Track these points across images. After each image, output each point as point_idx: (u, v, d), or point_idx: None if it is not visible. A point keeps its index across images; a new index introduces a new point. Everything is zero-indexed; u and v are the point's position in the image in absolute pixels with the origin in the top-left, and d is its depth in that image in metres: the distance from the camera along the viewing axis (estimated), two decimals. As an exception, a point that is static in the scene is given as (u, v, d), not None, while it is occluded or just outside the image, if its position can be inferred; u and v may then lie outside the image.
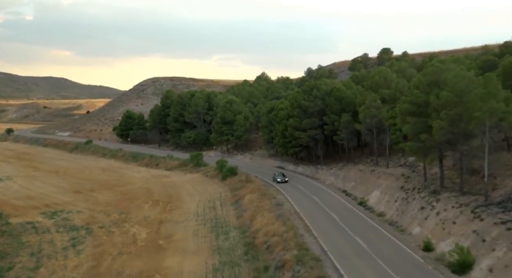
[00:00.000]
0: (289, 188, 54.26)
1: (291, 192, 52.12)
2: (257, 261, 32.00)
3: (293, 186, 55.92)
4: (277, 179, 58.84)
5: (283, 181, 58.17)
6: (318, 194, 50.20)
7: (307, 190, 52.91)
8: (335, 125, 58.14)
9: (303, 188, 54.19)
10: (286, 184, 57.33)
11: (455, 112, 31.61)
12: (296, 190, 53.22)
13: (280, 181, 58.18)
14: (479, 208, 29.89)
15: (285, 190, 53.30)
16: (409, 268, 26.79)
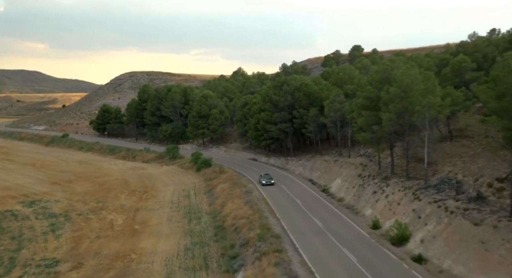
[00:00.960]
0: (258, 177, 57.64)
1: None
2: (225, 241, 35.24)
3: (263, 175, 59.32)
4: (262, 181, 52.94)
5: (268, 183, 52.27)
6: (286, 183, 53.82)
7: (276, 179, 56.39)
8: (304, 119, 61.85)
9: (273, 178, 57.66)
10: (256, 173, 60.55)
11: (401, 106, 35.54)
12: (266, 179, 56.62)
13: (265, 183, 52.17)
14: (419, 190, 34.00)
15: (255, 178, 56.71)
16: (355, 242, 30.57)
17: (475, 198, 28.76)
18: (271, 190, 49.83)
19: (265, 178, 53.48)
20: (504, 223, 24.53)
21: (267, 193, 48.10)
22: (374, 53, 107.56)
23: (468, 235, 25.56)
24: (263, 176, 54.26)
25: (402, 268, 25.71)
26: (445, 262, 25.56)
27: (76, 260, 32.77)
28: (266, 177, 54.04)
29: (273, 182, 52.51)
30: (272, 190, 49.90)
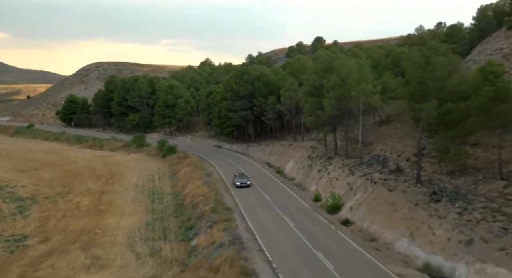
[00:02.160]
0: (221, 162, 61.42)
1: (222, 165, 59.27)
2: (183, 216, 38.93)
3: (225, 160, 63.13)
4: (236, 182, 44.18)
5: (243, 185, 43.65)
6: (245, 166, 57.81)
7: (237, 163, 60.36)
8: (263, 107, 65.77)
9: (233, 162, 61.58)
10: (219, 158, 64.43)
11: (340, 93, 40.02)
12: (227, 164, 60.46)
13: (239, 185, 43.67)
14: (354, 167, 38.73)
15: (217, 163, 60.43)
16: (296, 212, 34.92)
17: (395, 170, 33.65)
18: (230, 173, 53.51)
19: (240, 179, 44.95)
20: (411, 188, 29.41)
21: (225, 175, 51.88)
22: (334, 44, 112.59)
23: (383, 199, 30.35)
24: (237, 176, 45.77)
25: (329, 229, 30.25)
26: (365, 223, 30.28)
27: (43, 235, 35.61)
28: (241, 177, 45.47)
29: (249, 183, 43.72)
30: (231, 172, 53.50)
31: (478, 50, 55.03)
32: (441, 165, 31.26)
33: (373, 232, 28.74)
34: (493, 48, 50.49)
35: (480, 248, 20.83)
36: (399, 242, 26.10)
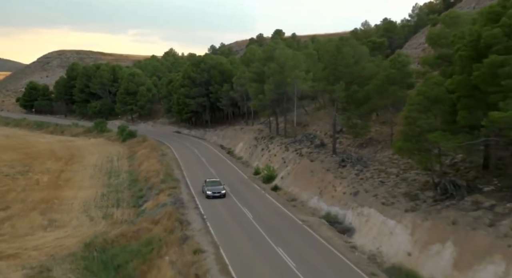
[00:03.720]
0: (177, 145, 65.53)
1: (178, 147, 63.42)
2: (136, 188, 43.12)
3: (182, 143, 67.28)
4: (207, 191, 33.34)
5: (217, 194, 32.85)
6: (199, 148, 62.27)
7: (192, 146, 64.70)
8: (218, 94, 70.19)
9: (189, 145, 65.85)
10: (176, 142, 68.48)
11: (278, 79, 45.13)
12: (183, 146, 64.67)
13: (211, 195, 32.96)
14: (289, 144, 44.11)
15: (173, 146, 64.50)
16: (236, 182, 39.87)
17: (319, 145, 39.23)
18: (184, 153, 57.95)
19: (211, 186, 33.61)
20: (328, 158, 35.02)
21: (179, 155, 56.18)
22: (292, 37, 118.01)
23: (306, 168, 35.83)
24: (208, 183, 34.30)
25: (259, 193, 35.49)
26: (290, 188, 35.69)
27: (4, 205, 38.87)
28: (213, 184, 34.07)
29: (224, 193, 33.02)
30: (185, 153, 58.05)
31: (408, 44, 61.80)
32: (354, 140, 37.08)
33: (294, 194, 34.18)
34: (418, 42, 57.25)
35: (362, 197, 26.52)
36: (312, 200, 31.62)
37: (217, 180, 36.80)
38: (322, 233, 25.16)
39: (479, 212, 19.12)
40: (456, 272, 17.64)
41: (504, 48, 16.94)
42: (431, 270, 18.70)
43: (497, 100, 17.19)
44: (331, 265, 20.81)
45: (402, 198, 23.96)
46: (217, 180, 36.81)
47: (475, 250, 17.40)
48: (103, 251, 25.81)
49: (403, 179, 26.60)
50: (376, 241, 22.85)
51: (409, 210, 22.29)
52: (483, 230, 17.88)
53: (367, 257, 22.01)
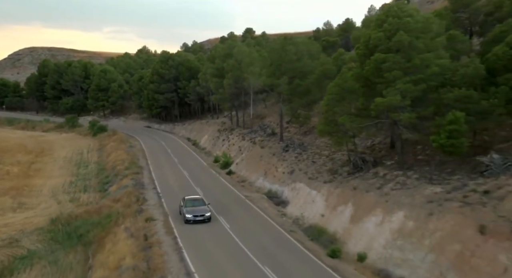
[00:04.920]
0: (146, 138, 68.68)
1: (146, 140, 66.59)
2: (103, 176, 46.32)
3: (151, 137, 70.47)
4: (186, 214, 25.39)
5: (199, 217, 25.29)
6: (167, 141, 65.65)
7: (160, 139, 68.01)
8: (186, 90, 73.66)
9: (158, 138, 69.13)
10: (145, 135, 71.55)
11: (236, 74, 49.11)
12: (151, 139, 67.90)
13: (191, 219, 25.23)
14: (246, 134, 48.18)
15: (142, 139, 67.64)
16: (195, 168, 43.69)
17: (271, 134, 43.45)
18: (151, 145, 61.22)
19: (191, 206, 26.18)
20: (276, 145, 39.27)
21: (147, 147, 59.46)
22: (262, 35, 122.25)
23: (256, 154, 40.00)
24: (187, 202, 26.64)
25: (214, 177, 39.47)
26: (242, 172, 39.78)
27: (-26, 191, 41.42)
28: (194, 203, 26.66)
29: (209, 216, 25.53)
30: (153, 145, 61.34)
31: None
32: (300, 128, 41.48)
33: (245, 176, 38.31)
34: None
35: (296, 175, 30.87)
36: (258, 180, 35.81)
37: (198, 197, 27.80)
38: (260, 205, 29.36)
39: (375, 180, 23.68)
40: (351, 225, 22.10)
41: (386, 48, 21.41)
42: (335, 225, 23.12)
43: (381, 89, 21.67)
44: (260, 226, 24.98)
45: (325, 173, 28.40)
46: (199, 197, 27.84)
47: (365, 207, 21.89)
48: (68, 224, 29.21)
49: (331, 158, 31.05)
50: (301, 208, 27.19)
51: (327, 182, 26.74)
52: (373, 192, 22.41)
53: (292, 220, 26.33)
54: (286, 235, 23.60)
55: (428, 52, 21.34)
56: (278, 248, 21.64)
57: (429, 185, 20.57)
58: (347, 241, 21.63)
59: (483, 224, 16.18)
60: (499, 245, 15.22)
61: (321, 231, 23.34)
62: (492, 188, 17.94)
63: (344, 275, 18.50)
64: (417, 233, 18.43)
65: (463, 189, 18.97)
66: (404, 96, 21.01)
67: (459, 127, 19.23)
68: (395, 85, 21.11)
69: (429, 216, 18.44)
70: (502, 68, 19.93)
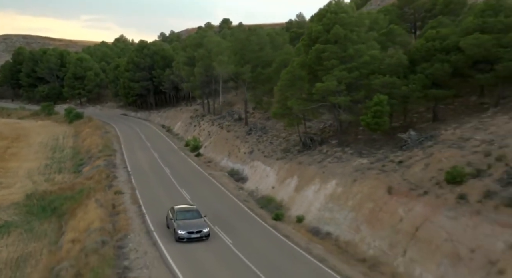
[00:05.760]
0: (121, 125, 70.63)
1: (121, 127, 68.58)
2: (77, 159, 48.48)
3: (126, 124, 72.45)
4: (178, 229, 20.15)
5: (195, 234, 20.14)
6: (141, 127, 67.86)
7: (135, 125, 70.11)
8: (161, 78, 75.68)
9: (133, 125, 71.20)
10: (121, 123, 73.43)
11: (206, 63, 51.68)
12: (126, 126, 69.92)
13: (185, 236, 20.03)
14: (216, 120, 51.01)
15: (117, 126, 69.59)
16: (166, 151, 46.35)
17: (237, 119, 46.44)
18: (126, 131, 63.37)
19: (182, 219, 20.89)
20: (241, 129, 42.31)
21: (121, 133, 61.57)
22: (239, 26, 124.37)
23: (223, 138, 42.97)
24: (177, 213, 21.35)
25: (183, 158, 42.30)
26: (210, 154, 42.73)
27: (-49, 173, 43.07)
28: (186, 216, 21.15)
29: (207, 232, 20.52)
30: (127, 131, 63.48)
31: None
32: (264, 114, 44.59)
33: (212, 158, 41.28)
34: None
35: (255, 154, 34.05)
36: (223, 160, 38.86)
37: (192, 207, 22.12)
38: (221, 181, 32.45)
39: (318, 156, 27.04)
40: (295, 194, 25.44)
41: (325, 40, 24.58)
42: (282, 195, 26.43)
43: (322, 75, 24.89)
44: (218, 198, 28.09)
45: (279, 152, 31.65)
46: (193, 207, 22.13)
47: (307, 178, 25.24)
48: (42, 199, 31.62)
49: (287, 140, 34.32)
50: (257, 183, 30.41)
51: (280, 159, 30.00)
52: (314, 166, 25.76)
53: (248, 193, 29.55)
54: (239, 204, 26.79)
55: (361, 44, 24.63)
56: (230, 213, 24.80)
57: (358, 158, 24.02)
58: (291, 207, 24.95)
59: (391, 186, 19.67)
60: (400, 201, 18.73)
61: (270, 200, 26.60)
62: (405, 158, 21.45)
63: (282, 232, 21.82)
64: (344, 197, 21.86)
65: (384, 160, 22.46)
66: (340, 82, 24.29)
67: (382, 108, 22.64)
68: (332, 72, 24.35)
69: (354, 182, 21.87)
70: (420, 59, 23.40)
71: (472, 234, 15.18)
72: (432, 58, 22.69)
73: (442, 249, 15.79)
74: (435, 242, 16.15)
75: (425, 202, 17.71)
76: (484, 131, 20.08)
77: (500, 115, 21.32)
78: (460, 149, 19.28)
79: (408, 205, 18.29)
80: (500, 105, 22.48)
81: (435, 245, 16.11)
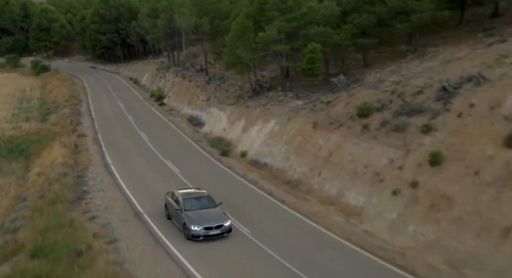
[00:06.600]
0: (89, 78, 71.11)
1: (88, 79, 69.16)
2: (44, 109, 49.83)
3: (94, 76, 72.91)
4: (190, 224, 15.07)
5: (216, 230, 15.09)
6: (109, 80, 68.67)
7: (103, 78, 70.76)
8: (127, 30, 75.34)
9: (101, 77, 71.80)
10: (89, 75, 73.83)
11: (169, 15, 52.35)
12: (94, 78, 70.52)
13: (201, 234, 14.95)
14: (180, 71, 52.69)
15: (85, 78, 70.06)
16: (131, 101, 48.26)
17: (199, 70, 48.37)
18: (93, 83, 64.22)
19: (191, 208, 15.88)
20: (201, 79, 44.44)
21: (88, 85, 62.49)
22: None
23: (185, 87, 45.11)
24: (185, 201, 16.16)
25: (147, 107, 44.53)
26: (172, 103, 45.00)
27: None
28: (198, 206, 16.10)
29: (229, 226, 15.39)
30: (95, 83, 64.35)
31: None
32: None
33: (174, 106, 43.65)
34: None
35: (211, 101, 36.66)
36: (183, 108, 41.34)
37: (201, 192, 17.34)
38: (179, 126, 35.16)
39: (264, 100, 29.89)
40: (242, 134, 28.51)
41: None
42: (232, 135, 29.49)
43: (264, 26, 27.14)
44: (174, 139, 30.93)
45: (233, 98, 34.34)
46: (202, 192, 17.35)
47: (252, 119, 28.23)
48: (10, 143, 33.66)
49: (242, 88, 36.87)
50: (211, 127, 33.30)
51: (232, 104, 32.75)
52: (259, 108, 28.69)
53: (202, 135, 32.48)
54: (192, 143, 29.78)
55: (301, -5, 26.76)
56: (182, 150, 27.80)
57: (296, 100, 27.03)
58: (238, 145, 28.07)
59: (316, 122, 22.86)
60: (321, 133, 22.00)
61: (221, 140, 29.65)
62: (332, 99, 24.55)
63: (226, 164, 25.06)
64: (280, 133, 25.03)
65: (316, 101, 25.53)
66: (280, 32, 26.65)
67: (315, 55, 25.33)
68: (273, 22, 26.61)
69: (288, 120, 24.98)
70: (351, 10, 25.88)
71: (367, 155, 18.65)
72: (360, 9, 25.20)
73: (346, 168, 19.30)
74: (342, 163, 19.63)
75: (339, 133, 21.02)
76: (397, 74, 23.20)
77: (414, 60, 24.41)
78: (374, 89, 22.43)
79: (326, 136, 21.60)
80: (417, 52, 25.51)
81: (341, 166, 19.60)
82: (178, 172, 23.24)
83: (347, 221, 16.84)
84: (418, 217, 14.94)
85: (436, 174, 15.41)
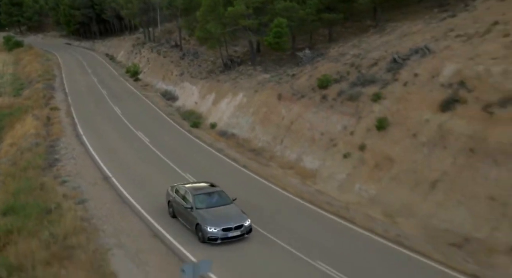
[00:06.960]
0: (63, 54, 70.00)
1: (63, 55, 68.10)
2: (18, 84, 49.38)
3: (69, 53, 71.78)
4: (205, 225, 12.90)
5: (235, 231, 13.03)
6: (84, 56, 67.84)
7: (78, 54, 69.79)
8: (102, 5, 74.01)
9: (76, 54, 70.74)
10: (64, 51, 72.65)
11: (144, -10, 51.95)
12: (69, 55, 69.48)
13: (219, 236, 12.85)
14: (155, 47, 52.63)
15: (60, 54, 68.91)
16: (105, 76, 48.29)
17: (174, 46, 48.55)
18: (68, 60, 63.41)
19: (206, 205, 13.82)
20: (176, 54, 44.76)
21: (63, 61, 61.73)
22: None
23: (160, 63, 45.39)
24: (196, 199, 13.90)
25: (122, 82, 44.80)
26: (147, 78, 45.32)
27: None
28: (212, 204, 13.95)
29: (249, 226, 13.36)
30: (70, 60, 63.57)
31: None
32: (199, 41, 46.90)
33: (148, 82, 44.03)
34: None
35: (184, 76, 37.29)
36: (158, 83, 41.81)
37: (215, 188, 15.01)
38: (152, 100, 35.81)
39: (234, 74, 30.77)
40: (212, 106, 29.47)
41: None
42: (203, 108, 30.42)
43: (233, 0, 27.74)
44: (146, 112, 31.68)
45: (205, 73, 35.06)
46: (216, 188, 15.08)
47: (222, 93, 29.16)
48: (-18, 116, 33.72)
49: (214, 63, 37.52)
50: (184, 101, 34.08)
51: (203, 78, 33.51)
52: (229, 82, 29.60)
53: (175, 109, 33.25)
54: (164, 116, 30.61)
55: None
56: (154, 123, 28.66)
57: (264, 74, 28.03)
58: (208, 117, 29.06)
59: (281, 93, 24.00)
60: (284, 104, 23.19)
61: (192, 113, 30.56)
62: (297, 72, 25.64)
63: (195, 135, 26.11)
64: (247, 105, 26.10)
65: (282, 74, 26.58)
66: (248, 7, 27.35)
67: (281, 30, 26.23)
68: (242, -3, 27.23)
69: (255, 93, 26.04)
70: (316, -15, 26.68)
71: (325, 123, 19.99)
72: (325, -16, 26.08)
73: (305, 136, 20.62)
74: (302, 131, 20.94)
75: (301, 104, 22.24)
76: (358, 47, 24.39)
77: (375, 35, 25.60)
78: (336, 62, 23.61)
79: (289, 107, 22.80)
80: (379, 27, 26.69)
81: (301, 133, 20.92)
82: (148, 141, 24.17)
83: (302, 182, 18.26)
84: (363, 176, 16.43)
85: (382, 137, 16.86)
